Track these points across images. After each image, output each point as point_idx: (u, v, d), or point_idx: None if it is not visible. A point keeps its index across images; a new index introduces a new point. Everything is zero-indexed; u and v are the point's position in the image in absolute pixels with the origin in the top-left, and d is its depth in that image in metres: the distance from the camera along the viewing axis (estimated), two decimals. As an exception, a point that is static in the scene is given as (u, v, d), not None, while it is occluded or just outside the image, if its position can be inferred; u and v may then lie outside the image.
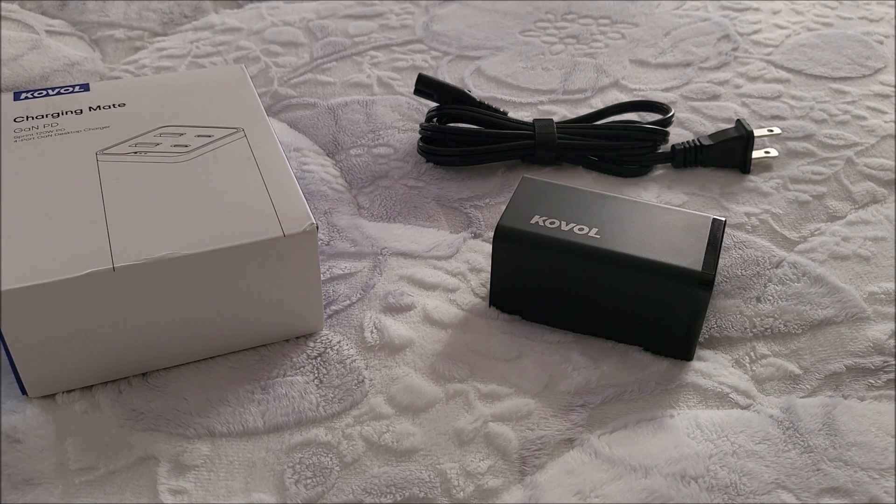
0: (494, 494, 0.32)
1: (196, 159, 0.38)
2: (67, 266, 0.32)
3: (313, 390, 0.35)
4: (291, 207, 0.36)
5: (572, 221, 0.37)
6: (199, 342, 0.36)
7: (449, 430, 0.34)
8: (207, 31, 0.63)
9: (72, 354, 0.34)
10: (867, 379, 0.36)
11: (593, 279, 0.37)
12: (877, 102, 0.56)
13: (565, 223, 0.37)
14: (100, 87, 0.44)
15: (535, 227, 0.37)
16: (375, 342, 0.38)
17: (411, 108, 0.54)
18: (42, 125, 0.40)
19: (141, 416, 0.34)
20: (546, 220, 0.37)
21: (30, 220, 0.34)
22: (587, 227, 0.37)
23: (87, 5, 0.66)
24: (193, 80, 0.45)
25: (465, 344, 0.38)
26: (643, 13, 0.67)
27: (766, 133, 0.51)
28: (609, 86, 0.58)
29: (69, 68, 0.58)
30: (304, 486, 0.32)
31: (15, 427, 0.33)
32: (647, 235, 0.37)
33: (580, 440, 0.33)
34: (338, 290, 0.40)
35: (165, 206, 0.35)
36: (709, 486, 0.32)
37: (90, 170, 0.37)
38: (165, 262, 0.33)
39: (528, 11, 0.67)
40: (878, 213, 0.46)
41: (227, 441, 0.33)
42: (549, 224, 0.37)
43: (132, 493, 0.31)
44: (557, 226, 0.37)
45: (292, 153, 0.50)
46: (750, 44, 0.63)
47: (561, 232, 0.37)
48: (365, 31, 0.64)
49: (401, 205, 0.46)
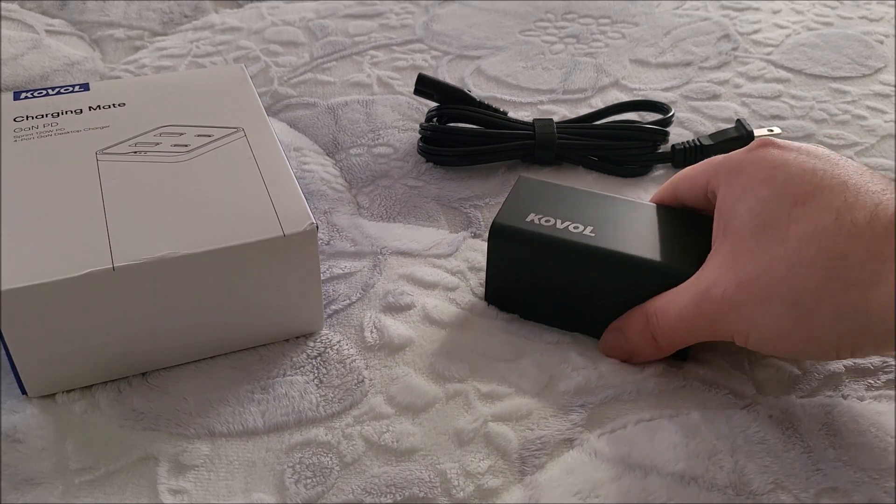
0: (494, 494, 0.32)
1: (196, 159, 0.38)
2: (67, 266, 0.32)
3: (313, 390, 0.35)
4: (291, 207, 0.36)
5: (567, 220, 0.37)
6: (198, 342, 0.36)
7: (449, 430, 0.34)
8: (207, 31, 0.63)
9: (72, 354, 0.34)
10: (866, 379, 0.36)
11: (587, 277, 0.37)
12: (877, 102, 0.56)
13: (560, 221, 0.37)
14: (100, 87, 0.44)
15: (531, 224, 0.37)
16: (375, 342, 0.38)
17: (411, 108, 0.54)
18: (42, 125, 0.40)
19: (141, 415, 0.34)
20: (541, 218, 0.37)
21: (30, 219, 0.34)
22: (582, 225, 0.37)
23: (87, 5, 0.66)
24: (193, 79, 0.45)
25: (464, 343, 0.38)
26: (643, 13, 0.67)
27: (767, 133, 0.51)
28: (609, 85, 0.58)
29: (69, 68, 0.58)
30: (304, 486, 0.32)
31: (15, 427, 0.33)
32: (643, 234, 0.37)
33: (580, 440, 0.33)
34: (337, 290, 0.40)
35: (165, 205, 0.35)
36: (708, 486, 0.32)
37: (90, 169, 0.37)
38: (165, 261, 0.33)
39: (528, 11, 0.67)
40: (878, 213, 0.46)
41: (227, 441, 0.33)
42: (544, 222, 0.37)
43: (132, 492, 0.31)
44: (553, 224, 0.37)
45: (292, 153, 0.50)
46: (750, 43, 0.63)
47: (556, 230, 0.37)
48: (365, 31, 0.64)
49: (400, 204, 0.46)
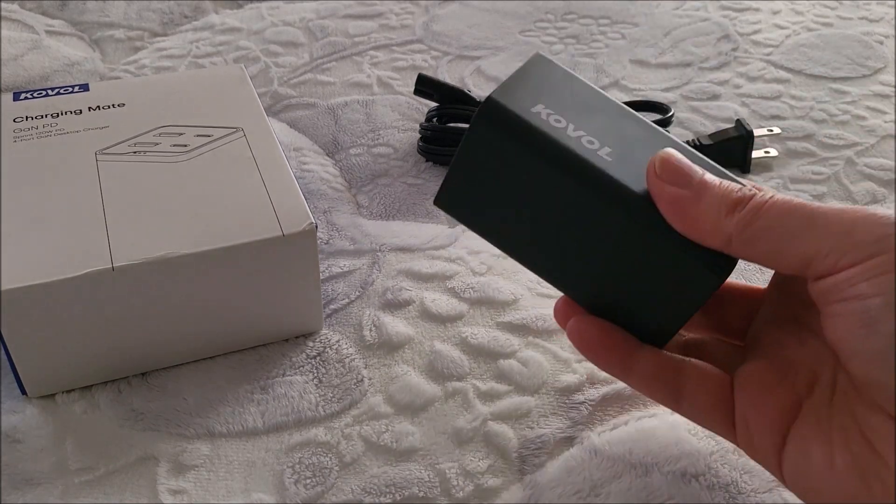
0: (494, 494, 0.32)
1: (195, 159, 0.38)
2: (67, 266, 0.32)
3: (312, 390, 0.35)
4: (291, 207, 0.36)
5: (583, 129, 0.28)
6: (198, 342, 0.36)
7: (448, 430, 0.34)
8: (207, 32, 0.63)
9: (71, 354, 0.34)
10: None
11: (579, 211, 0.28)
12: (877, 102, 0.56)
13: (573, 128, 0.28)
14: (99, 88, 0.44)
15: (535, 117, 0.28)
16: (374, 340, 0.38)
17: (411, 108, 0.54)
18: (41, 125, 0.40)
19: (140, 416, 0.34)
20: (551, 115, 0.28)
21: (29, 219, 0.34)
22: (598, 142, 0.28)
23: (87, 5, 0.66)
24: (193, 80, 0.45)
25: (463, 339, 0.38)
26: (643, 13, 0.67)
27: (766, 133, 0.51)
28: (609, 86, 0.58)
29: (69, 68, 0.58)
30: (304, 486, 0.32)
31: (14, 427, 0.33)
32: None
33: (580, 438, 0.33)
34: (336, 289, 0.40)
35: (164, 205, 0.35)
36: (710, 484, 0.32)
37: (89, 169, 0.37)
38: (164, 261, 0.33)
39: (528, 11, 0.67)
40: (878, 213, 0.46)
41: (227, 441, 0.33)
42: (553, 121, 0.28)
43: (132, 493, 0.31)
44: (563, 126, 0.28)
45: (292, 153, 0.50)
46: (750, 44, 0.63)
47: (564, 136, 0.28)
48: (365, 31, 0.64)
49: (400, 202, 0.46)
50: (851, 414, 0.25)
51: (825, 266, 0.24)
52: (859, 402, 0.25)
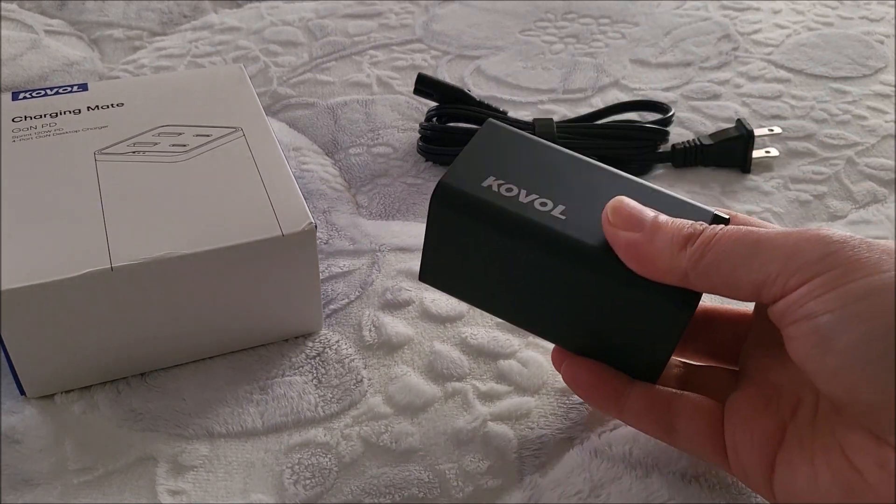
0: (494, 495, 0.32)
1: (194, 159, 0.38)
2: (66, 266, 0.32)
3: (312, 390, 0.35)
4: (290, 207, 0.35)
5: (535, 192, 0.29)
6: (197, 342, 0.36)
7: (448, 430, 0.34)
8: (206, 31, 0.63)
9: (70, 354, 0.34)
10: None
11: (543, 271, 0.29)
12: (877, 102, 0.56)
13: (525, 193, 0.29)
14: (98, 87, 0.44)
15: (486, 192, 0.29)
16: (374, 340, 0.37)
17: (411, 108, 0.54)
18: (40, 125, 0.40)
19: (139, 416, 0.34)
20: (502, 185, 0.29)
21: (28, 219, 0.34)
22: (551, 202, 0.29)
23: (86, 5, 0.66)
24: (192, 79, 0.45)
25: (462, 339, 0.37)
26: (643, 13, 0.67)
27: (767, 132, 0.51)
28: (609, 85, 0.57)
29: (68, 68, 0.58)
30: (303, 487, 0.32)
31: (13, 427, 0.33)
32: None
33: (580, 439, 0.33)
34: (336, 289, 0.40)
35: (164, 205, 0.35)
36: (710, 485, 0.32)
37: (88, 169, 0.37)
38: (164, 261, 0.33)
39: (528, 11, 0.67)
40: (879, 213, 0.46)
41: (226, 441, 0.33)
42: (504, 191, 0.29)
43: (131, 493, 0.31)
44: (515, 195, 0.29)
45: (291, 153, 0.50)
46: (750, 43, 0.63)
47: (516, 204, 0.29)
48: (364, 31, 0.63)
49: (399, 202, 0.46)
50: (832, 433, 0.25)
51: (776, 290, 0.25)
52: (839, 420, 0.25)
